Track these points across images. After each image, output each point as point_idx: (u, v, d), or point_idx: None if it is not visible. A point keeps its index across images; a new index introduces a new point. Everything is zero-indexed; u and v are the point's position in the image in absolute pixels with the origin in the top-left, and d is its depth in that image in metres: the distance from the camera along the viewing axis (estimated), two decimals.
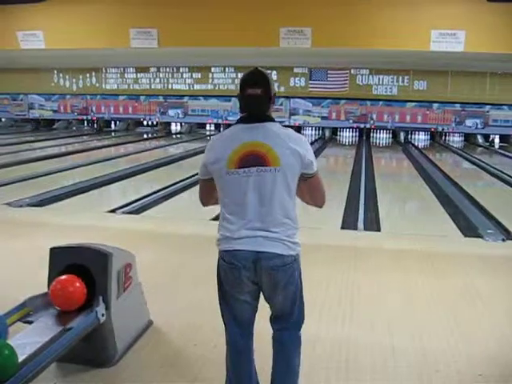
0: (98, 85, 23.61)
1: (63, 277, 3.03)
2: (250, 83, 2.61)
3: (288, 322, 2.70)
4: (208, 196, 2.82)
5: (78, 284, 3.02)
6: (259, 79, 2.62)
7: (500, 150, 19.37)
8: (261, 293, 2.63)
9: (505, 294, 4.68)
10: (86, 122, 24.74)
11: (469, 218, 7.74)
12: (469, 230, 7.12)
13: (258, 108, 2.57)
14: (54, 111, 24.59)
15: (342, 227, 7.10)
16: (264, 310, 2.72)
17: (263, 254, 2.47)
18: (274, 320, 2.73)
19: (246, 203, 2.50)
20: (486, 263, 5.58)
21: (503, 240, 6.50)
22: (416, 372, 3.25)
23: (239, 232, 2.52)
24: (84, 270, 3.12)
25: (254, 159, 2.48)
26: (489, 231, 6.81)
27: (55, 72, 23.91)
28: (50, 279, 3.16)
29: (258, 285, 2.57)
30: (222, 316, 2.74)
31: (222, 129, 23.01)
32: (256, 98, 2.56)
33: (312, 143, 19.70)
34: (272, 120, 2.60)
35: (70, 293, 2.99)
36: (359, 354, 3.46)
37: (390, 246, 6.16)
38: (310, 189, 2.67)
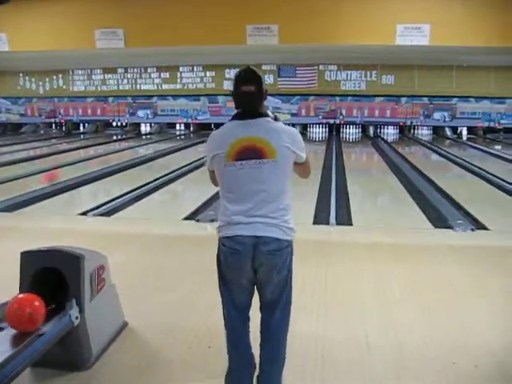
0: (65, 87, 23.34)
1: (21, 295, 2.86)
2: (244, 81, 2.73)
3: (276, 310, 2.82)
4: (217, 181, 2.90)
5: (37, 303, 2.79)
6: (252, 77, 2.74)
7: (468, 142, 19.67)
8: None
9: (475, 282, 4.76)
10: (54, 125, 24.45)
11: (439, 210, 7.84)
12: (439, 221, 7.22)
13: (251, 105, 2.73)
14: (21, 115, 24.26)
15: (314, 222, 7.13)
16: None
17: (262, 238, 2.64)
18: (263, 308, 2.87)
19: (244, 193, 2.68)
20: (456, 253, 5.67)
21: (472, 230, 6.61)
22: (391, 365, 3.28)
23: (239, 219, 2.68)
24: (56, 274, 3.09)
25: (252, 152, 2.66)
26: (458, 222, 6.91)
27: (21, 75, 23.58)
28: (22, 284, 3.13)
29: (255, 270, 2.70)
30: (222, 301, 2.89)
31: (191, 128, 22.99)
32: (250, 95, 2.71)
33: None
34: (265, 115, 2.77)
35: (27, 314, 2.74)
36: (334, 349, 3.48)
37: (363, 239, 6.22)
38: (300, 170, 2.95)
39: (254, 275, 2.73)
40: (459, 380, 3.10)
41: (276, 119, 2.84)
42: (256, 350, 2.89)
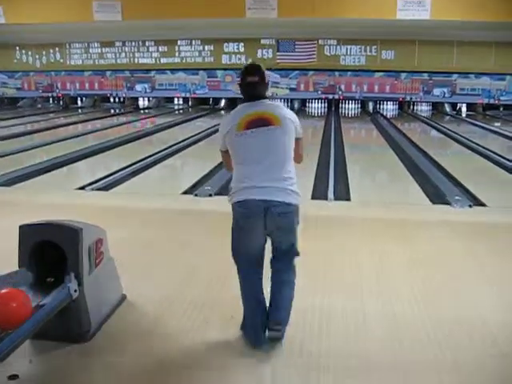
0: (62, 61, 23.15)
1: (4, 290, 2.65)
2: (249, 73, 3.19)
3: (285, 262, 3.22)
4: (230, 164, 3.31)
5: (21, 299, 2.64)
6: (256, 70, 3.21)
7: (467, 119, 19.61)
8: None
9: (472, 258, 4.78)
10: (51, 99, 24.30)
11: (437, 186, 7.85)
12: (437, 197, 7.23)
13: (256, 91, 3.18)
14: (18, 89, 24.09)
15: (313, 197, 7.14)
16: None
17: (272, 202, 2.99)
18: (274, 261, 3.24)
19: (256, 158, 3.06)
20: (453, 229, 5.68)
21: (470, 206, 6.62)
22: (387, 338, 3.31)
23: (250, 184, 3.04)
24: (54, 247, 3.10)
25: (260, 121, 3.07)
26: (456, 198, 6.92)
27: (17, 48, 23.37)
28: (20, 257, 3.13)
29: (266, 228, 3.06)
30: (236, 259, 3.29)
31: (190, 103, 22.88)
32: (254, 84, 3.16)
33: None
34: (268, 98, 3.25)
35: (11, 309, 2.58)
36: (331, 321, 3.51)
37: (360, 214, 6.24)
38: (296, 148, 3.23)
39: (265, 235, 3.11)
40: (454, 352, 3.13)
41: None
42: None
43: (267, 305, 3.20)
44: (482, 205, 6.85)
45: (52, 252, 3.12)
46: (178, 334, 3.34)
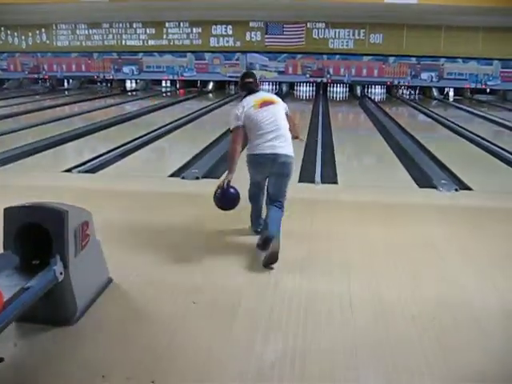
0: (48, 42, 22.89)
1: None
2: (247, 76, 4.82)
3: (278, 202, 4.51)
4: (240, 141, 4.53)
5: None
6: (251, 74, 4.89)
7: (454, 103, 19.67)
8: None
9: (458, 242, 4.82)
10: (38, 81, 24.05)
11: (423, 170, 7.88)
12: (423, 181, 7.26)
13: (253, 87, 4.72)
14: (3, 70, 23.83)
15: (300, 180, 7.14)
16: None
17: (278, 154, 4.40)
18: (270, 201, 4.55)
19: (267, 128, 4.44)
20: (440, 213, 5.73)
21: (456, 190, 6.67)
22: (372, 321, 3.34)
23: (264, 144, 4.42)
24: (40, 230, 3.09)
25: (268, 102, 4.59)
26: (443, 182, 6.96)
27: (2, 29, 23.09)
28: (5, 240, 3.12)
29: (270, 172, 4.48)
30: (251, 183, 4.71)
31: (177, 85, 22.75)
32: (251, 83, 4.74)
33: None
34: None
35: None
36: (317, 303, 3.53)
37: (347, 198, 6.27)
38: (290, 119, 4.74)
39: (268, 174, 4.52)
40: (440, 335, 3.16)
41: None
42: None
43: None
44: (468, 189, 6.90)
45: (38, 234, 3.10)
46: (164, 318, 3.35)
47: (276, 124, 4.45)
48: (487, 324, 3.32)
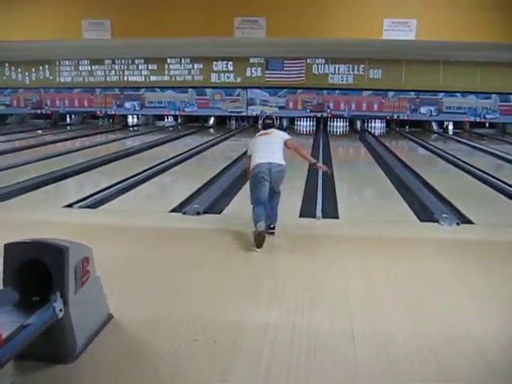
0: (51, 78, 23.13)
1: None
2: (267, 118, 6.77)
3: (276, 194, 5.93)
4: (249, 168, 5.94)
5: None
6: (270, 117, 6.78)
7: (454, 137, 19.78)
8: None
9: (460, 276, 4.80)
10: (40, 116, 24.22)
11: (424, 204, 7.88)
12: (425, 214, 7.25)
13: (269, 126, 6.40)
14: (7, 105, 24.04)
15: (301, 215, 7.15)
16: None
17: (272, 164, 5.67)
18: (269, 196, 5.79)
19: (265, 151, 5.83)
20: (441, 247, 5.71)
21: (458, 224, 6.65)
22: (375, 356, 3.31)
23: (261, 160, 5.72)
24: (40, 266, 3.08)
25: (266, 134, 6.16)
26: (444, 216, 6.95)
27: (7, 65, 23.36)
28: (5, 276, 3.11)
29: (268, 180, 5.66)
30: (251, 193, 5.79)
31: (179, 120, 22.93)
32: (269, 124, 6.48)
33: None
34: (274, 127, 6.47)
35: None
36: (320, 339, 3.50)
37: (349, 232, 6.26)
38: (290, 143, 6.16)
39: (269, 181, 5.69)
40: (442, 369, 3.13)
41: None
42: None
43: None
44: (470, 222, 6.89)
45: (38, 270, 3.09)
46: (165, 355, 3.31)
47: (268, 148, 5.89)
48: (491, 358, 3.29)
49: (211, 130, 21.53)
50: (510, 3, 14.10)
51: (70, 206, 7.51)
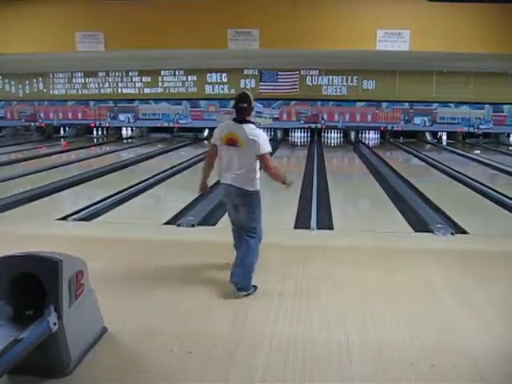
0: (45, 90, 23.13)
1: None
2: (240, 100, 4.55)
3: (245, 230, 4.65)
4: (211, 158, 4.86)
5: None
6: (245, 98, 4.55)
7: (448, 147, 19.85)
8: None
9: (455, 286, 4.80)
10: (34, 129, 24.19)
11: (419, 214, 7.89)
12: (419, 225, 7.26)
13: (242, 115, 4.57)
14: (1, 118, 24.00)
15: (296, 226, 7.14)
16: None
17: (232, 186, 4.54)
18: (238, 237, 4.78)
19: (226, 166, 4.60)
20: (436, 257, 5.72)
21: (452, 234, 6.66)
22: (370, 367, 3.29)
23: (225, 175, 4.62)
24: (34, 279, 3.06)
25: (231, 141, 4.54)
26: (438, 226, 6.96)
27: (0, 77, 23.36)
28: None
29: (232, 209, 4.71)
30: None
31: (174, 132, 22.96)
32: (242, 109, 4.55)
33: None
34: (249, 122, 4.57)
35: None
36: (314, 350, 3.49)
37: (343, 243, 6.25)
38: (263, 161, 4.55)
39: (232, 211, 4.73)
40: (438, 382, 3.12)
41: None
42: None
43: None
44: (464, 232, 6.90)
45: (31, 284, 3.07)
46: (160, 367, 3.29)
47: (233, 165, 4.55)
48: (488, 370, 3.27)
49: (205, 141, 21.55)
50: (503, 13, 14.19)
51: (64, 218, 7.48)
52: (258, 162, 4.56)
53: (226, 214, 4.89)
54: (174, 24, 15.01)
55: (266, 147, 4.52)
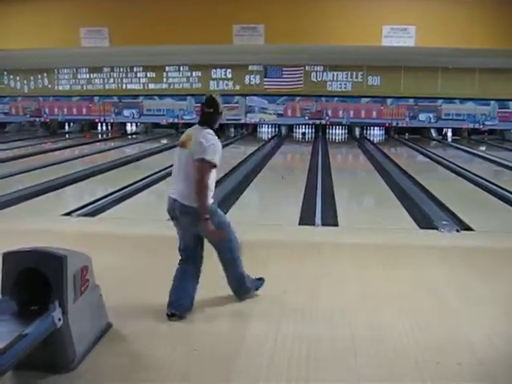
0: (50, 86, 23.14)
1: None
2: (207, 105, 4.05)
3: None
4: None
5: None
6: (212, 103, 4.04)
7: (453, 143, 19.80)
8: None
9: (460, 282, 4.78)
10: (39, 124, 24.22)
11: (424, 211, 7.87)
12: (424, 222, 7.24)
13: (205, 120, 4.07)
14: (5, 113, 24.04)
15: (300, 223, 7.13)
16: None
17: (177, 202, 4.01)
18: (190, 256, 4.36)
19: (174, 172, 4.15)
20: (441, 254, 5.70)
21: (457, 231, 6.64)
22: (376, 366, 3.29)
23: (172, 187, 4.12)
24: (39, 274, 3.06)
25: (183, 143, 4.04)
26: (444, 223, 6.94)
27: (5, 73, 23.38)
28: (4, 285, 3.09)
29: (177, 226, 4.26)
30: None
31: (179, 128, 22.95)
32: (208, 114, 4.06)
33: (269, 141, 19.81)
34: (210, 127, 4.04)
35: None
36: (319, 349, 3.48)
37: (348, 240, 6.23)
38: (194, 170, 3.87)
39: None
40: (443, 379, 3.11)
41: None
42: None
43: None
44: (469, 229, 6.87)
45: (36, 279, 3.07)
46: (165, 364, 3.29)
47: (180, 171, 4.03)
48: (493, 368, 3.26)
49: None
50: (508, 10, 14.12)
51: (68, 214, 7.49)
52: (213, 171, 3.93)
53: (230, 210, 4.85)
54: (178, 20, 14.97)
55: (210, 155, 3.84)
